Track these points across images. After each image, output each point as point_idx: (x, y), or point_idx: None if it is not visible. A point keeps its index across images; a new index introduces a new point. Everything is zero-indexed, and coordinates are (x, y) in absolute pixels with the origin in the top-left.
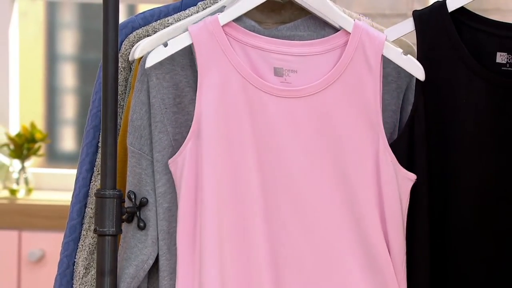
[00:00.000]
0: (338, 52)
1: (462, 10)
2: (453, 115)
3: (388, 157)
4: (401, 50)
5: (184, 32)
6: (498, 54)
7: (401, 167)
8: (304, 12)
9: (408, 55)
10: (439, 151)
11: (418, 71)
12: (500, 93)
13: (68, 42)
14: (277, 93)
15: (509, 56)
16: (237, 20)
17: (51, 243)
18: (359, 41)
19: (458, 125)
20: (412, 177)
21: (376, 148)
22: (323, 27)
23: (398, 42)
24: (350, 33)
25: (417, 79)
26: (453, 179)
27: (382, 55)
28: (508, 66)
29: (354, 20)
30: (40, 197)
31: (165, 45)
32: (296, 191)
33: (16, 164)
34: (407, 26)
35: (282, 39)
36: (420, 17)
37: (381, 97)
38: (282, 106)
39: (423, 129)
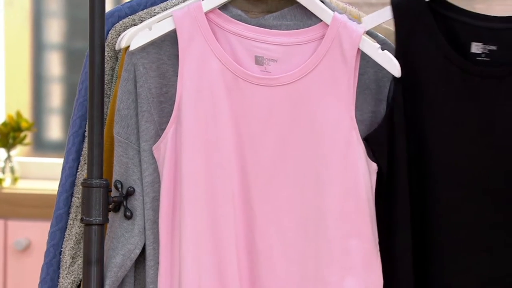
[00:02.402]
0: (316, 44)
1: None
2: (430, 103)
3: (360, 149)
4: (378, 45)
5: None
6: (473, 44)
7: (370, 160)
8: (290, 2)
9: (385, 51)
10: (418, 140)
11: (393, 67)
12: (476, 82)
13: (55, 31)
14: (254, 81)
15: (484, 46)
16: (223, 8)
17: (37, 232)
18: (336, 34)
19: (435, 113)
20: (376, 167)
21: (349, 140)
22: (310, 16)
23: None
24: (328, 26)
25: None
26: (432, 167)
27: (358, 48)
28: (483, 56)
29: (334, 12)
30: (26, 186)
31: (150, 29)
32: (270, 179)
33: (2, 153)
34: (385, 14)
35: (269, 28)
36: (398, 6)
37: (356, 89)
38: (260, 94)
39: (402, 118)
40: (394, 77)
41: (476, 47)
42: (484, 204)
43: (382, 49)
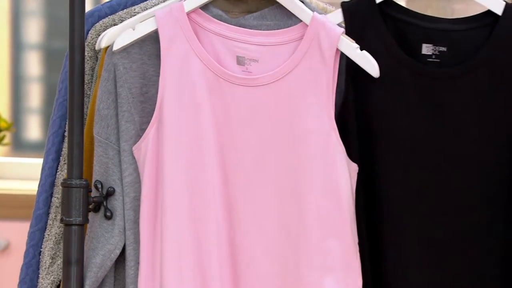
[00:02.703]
0: (296, 44)
1: (389, 2)
2: (380, 105)
3: (340, 149)
4: (357, 46)
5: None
6: (424, 45)
7: (350, 160)
8: (270, 2)
9: (363, 51)
10: (369, 141)
11: (372, 68)
12: (426, 84)
13: (34, 31)
14: (235, 81)
15: (434, 48)
16: (204, 8)
17: (16, 233)
18: (315, 34)
19: (385, 115)
20: (357, 167)
21: (328, 140)
22: (290, 16)
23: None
24: (308, 26)
25: (346, 72)
26: (382, 168)
27: (337, 49)
28: (433, 57)
29: (313, 12)
30: (5, 187)
31: (133, 29)
32: (251, 179)
33: None
34: (337, 17)
35: (249, 28)
36: (349, 8)
37: (336, 90)
38: (241, 94)
39: (353, 121)
40: (346, 82)
41: (426, 49)
42: (435, 205)
43: (361, 49)
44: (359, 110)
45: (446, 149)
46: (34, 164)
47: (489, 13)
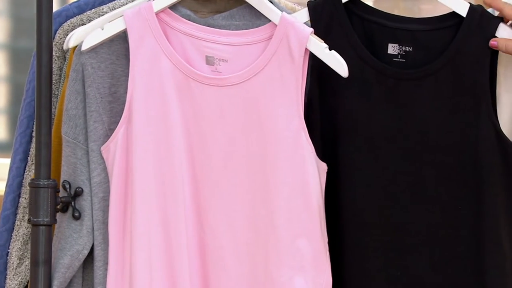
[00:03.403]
0: (265, 44)
1: (356, 1)
2: (345, 105)
3: (309, 149)
4: (325, 45)
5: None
6: (390, 45)
7: (319, 160)
8: (239, 2)
9: (332, 51)
10: (333, 141)
11: (340, 67)
12: (391, 84)
13: None
14: (204, 80)
15: (400, 47)
16: (173, 8)
17: None
18: (284, 34)
19: (350, 115)
20: (326, 167)
21: (297, 140)
22: (259, 16)
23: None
24: (277, 25)
25: (311, 71)
26: (346, 168)
27: (306, 48)
28: (399, 57)
29: (282, 12)
30: None
31: (102, 29)
32: (220, 179)
33: None
34: (303, 16)
35: (218, 28)
36: (315, 8)
37: (305, 90)
38: (209, 94)
39: (318, 120)
40: (311, 82)
41: (392, 48)
42: (399, 205)
43: (330, 49)
44: (324, 110)
45: (410, 150)
46: (1, 165)
47: (454, 14)
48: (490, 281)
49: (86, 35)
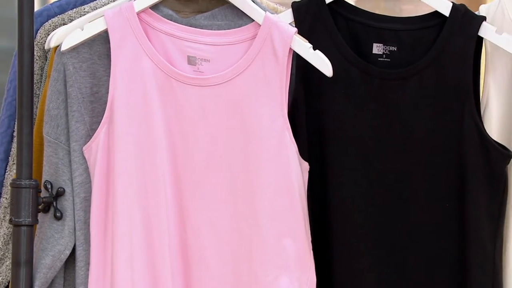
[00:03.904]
0: (248, 43)
1: (340, 1)
2: (330, 105)
3: (293, 149)
4: (310, 45)
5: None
6: (375, 45)
7: (302, 159)
8: (221, 2)
9: (316, 50)
10: (319, 141)
11: (325, 67)
12: (376, 83)
13: None
14: (186, 80)
15: (385, 47)
16: (155, 8)
17: None
18: (268, 34)
19: (335, 114)
20: (308, 166)
21: (281, 140)
22: (241, 16)
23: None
24: (260, 25)
25: (296, 71)
26: (332, 168)
27: (290, 48)
28: (384, 57)
29: (265, 12)
30: None
31: (82, 29)
32: (203, 179)
33: None
34: (287, 17)
35: (200, 28)
36: (299, 9)
37: (289, 90)
38: (191, 94)
39: (303, 120)
40: (296, 82)
41: (377, 48)
42: (384, 205)
43: (314, 49)
44: (309, 109)
45: (395, 149)
46: None
47: (437, 13)
48: (472, 279)
49: (68, 35)
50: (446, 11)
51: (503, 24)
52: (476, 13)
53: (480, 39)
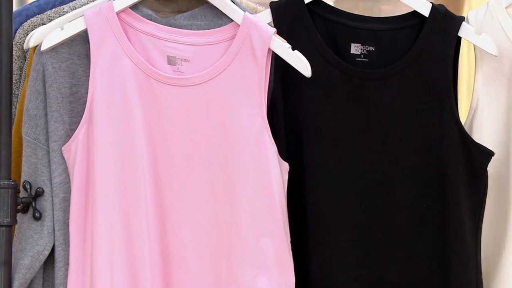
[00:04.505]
0: (228, 44)
1: (319, 1)
2: (309, 105)
3: (272, 149)
4: (289, 45)
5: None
6: (353, 45)
7: (281, 159)
8: (201, 2)
9: (295, 51)
10: (297, 142)
11: (304, 67)
12: (355, 83)
13: None
14: (166, 81)
15: (363, 47)
16: (134, 8)
17: None
18: (247, 34)
19: (314, 115)
20: (288, 166)
21: (260, 140)
22: (220, 16)
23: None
24: (239, 26)
25: (275, 71)
26: (311, 169)
27: (269, 48)
28: (362, 57)
29: (245, 12)
30: None
31: (62, 29)
32: (182, 179)
33: None
34: (265, 17)
35: (180, 28)
36: (277, 9)
37: (268, 90)
38: (171, 94)
39: (281, 120)
40: (274, 81)
41: (355, 48)
42: (363, 205)
43: (293, 49)
44: (287, 110)
45: (374, 149)
46: None
47: (416, 13)
48: (454, 279)
49: (47, 34)
50: (425, 11)
51: (493, 28)
52: (466, 20)
53: (459, 39)
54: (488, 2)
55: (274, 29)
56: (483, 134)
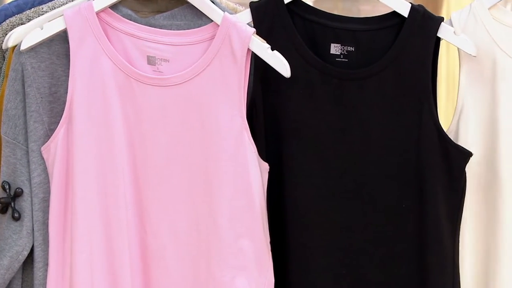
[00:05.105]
0: (207, 44)
1: (298, 2)
2: (289, 105)
3: (252, 149)
4: (268, 46)
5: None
6: (332, 45)
7: (261, 160)
8: (180, 2)
9: (274, 51)
10: (277, 142)
11: (282, 67)
12: (335, 83)
13: None
14: (146, 81)
15: (343, 47)
16: (114, 8)
17: None
18: (227, 34)
19: (294, 115)
20: (268, 167)
21: (239, 140)
22: (200, 16)
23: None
24: (219, 26)
25: (254, 71)
26: (290, 169)
27: (248, 48)
28: (342, 57)
29: (224, 12)
30: None
31: (41, 28)
32: (162, 179)
33: None
34: (245, 17)
35: (159, 28)
36: (257, 9)
37: (247, 90)
38: (151, 94)
39: (261, 120)
40: (254, 82)
41: (335, 48)
42: (342, 205)
43: (272, 49)
44: (267, 110)
45: (354, 150)
46: None
47: (395, 13)
48: (432, 279)
49: (26, 34)
50: (405, 11)
51: (476, 29)
52: (448, 20)
53: (438, 39)
54: (472, 3)
55: (254, 29)
56: (469, 134)
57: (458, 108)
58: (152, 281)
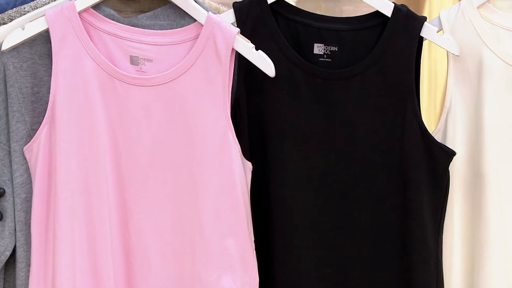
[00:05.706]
0: (191, 43)
1: (281, 2)
2: (272, 105)
3: (236, 149)
4: (252, 45)
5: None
6: (315, 45)
7: (245, 159)
8: (163, 1)
9: (259, 51)
10: (261, 142)
11: (267, 67)
12: (318, 83)
13: None
14: (129, 81)
15: (326, 47)
16: (96, 8)
17: None
18: (211, 34)
19: (278, 115)
20: (251, 166)
21: (224, 140)
22: (183, 16)
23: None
24: (203, 25)
25: (238, 71)
26: (274, 170)
27: (233, 48)
28: (325, 57)
29: (208, 12)
30: None
31: (23, 28)
32: (146, 179)
33: None
34: (229, 17)
35: (142, 28)
36: (240, 9)
37: (231, 90)
38: (134, 94)
39: (244, 120)
40: (238, 82)
41: (318, 48)
42: (327, 204)
43: (256, 49)
44: (251, 110)
45: (338, 149)
46: None
47: (378, 13)
48: (416, 277)
49: (7, 34)
50: (388, 11)
51: (464, 28)
52: (436, 18)
53: (421, 39)
54: (460, 2)
55: (238, 29)
56: (457, 133)
57: (446, 107)
58: (135, 281)
